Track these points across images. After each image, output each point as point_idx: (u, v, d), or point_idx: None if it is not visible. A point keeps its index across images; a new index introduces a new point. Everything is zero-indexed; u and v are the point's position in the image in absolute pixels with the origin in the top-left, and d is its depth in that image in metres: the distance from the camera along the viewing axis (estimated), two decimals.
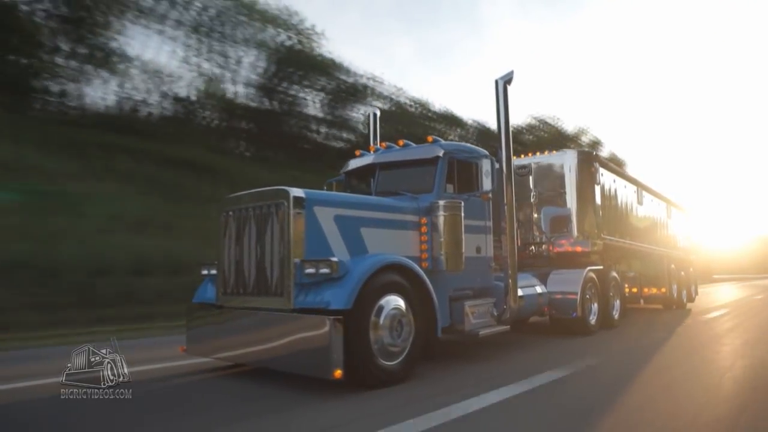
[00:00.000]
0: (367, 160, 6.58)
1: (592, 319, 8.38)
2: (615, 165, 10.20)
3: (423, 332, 4.98)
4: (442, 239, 5.58)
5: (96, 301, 9.73)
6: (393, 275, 4.82)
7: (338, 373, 4.08)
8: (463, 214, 5.70)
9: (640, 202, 11.57)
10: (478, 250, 6.24)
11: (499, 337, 6.41)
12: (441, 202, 5.65)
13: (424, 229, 5.67)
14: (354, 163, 6.86)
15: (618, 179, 10.37)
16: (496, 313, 6.21)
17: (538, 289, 7.52)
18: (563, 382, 5.00)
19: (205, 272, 5.70)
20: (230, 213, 5.20)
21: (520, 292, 6.50)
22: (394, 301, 4.74)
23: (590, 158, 9.18)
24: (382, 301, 4.64)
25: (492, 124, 26.23)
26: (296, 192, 4.71)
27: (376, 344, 4.50)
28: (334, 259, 4.48)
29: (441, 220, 5.61)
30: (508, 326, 6.30)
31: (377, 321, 4.54)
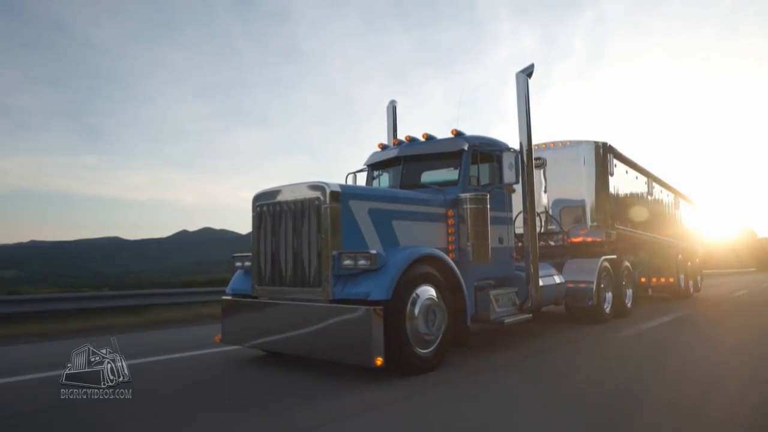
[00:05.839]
0: (392, 153, 6.68)
1: (607, 308, 8.57)
2: (628, 156, 10.28)
3: (453, 321, 5.15)
4: (468, 231, 5.73)
5: None
6: (426, 266, 4.96)
7: (379, 360, 4.23)
8: (488, 206, 5.85)
9: (650, 193, 11.71)
10: (501, 240, 6.40)
11: (516, 326, 6.59)
12: (467, 195, 5.79)
13: (451, 221, 5.82)
14: (377, 156, 6.96)
15: (630, 170, 10.49)
16: (518, 302, 6.39)
17: (557, 279, 7.68)
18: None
19: (238, 264, 5.83)
20: (265, 206, 5.32)
21: (540, 282, 6.67)
22: (428, 292, 4.89)
23: (605, 149, 9.28)
24: (417, 292, 4.79)
25: None
26: (333, 186, 4.84)
27: (412, 333, 4.65)
28: (373, 251, 4.61)
29: (467, 212, 5.75)
30: (531, 314, 6.48)
31: (413, 310, 4.70)
